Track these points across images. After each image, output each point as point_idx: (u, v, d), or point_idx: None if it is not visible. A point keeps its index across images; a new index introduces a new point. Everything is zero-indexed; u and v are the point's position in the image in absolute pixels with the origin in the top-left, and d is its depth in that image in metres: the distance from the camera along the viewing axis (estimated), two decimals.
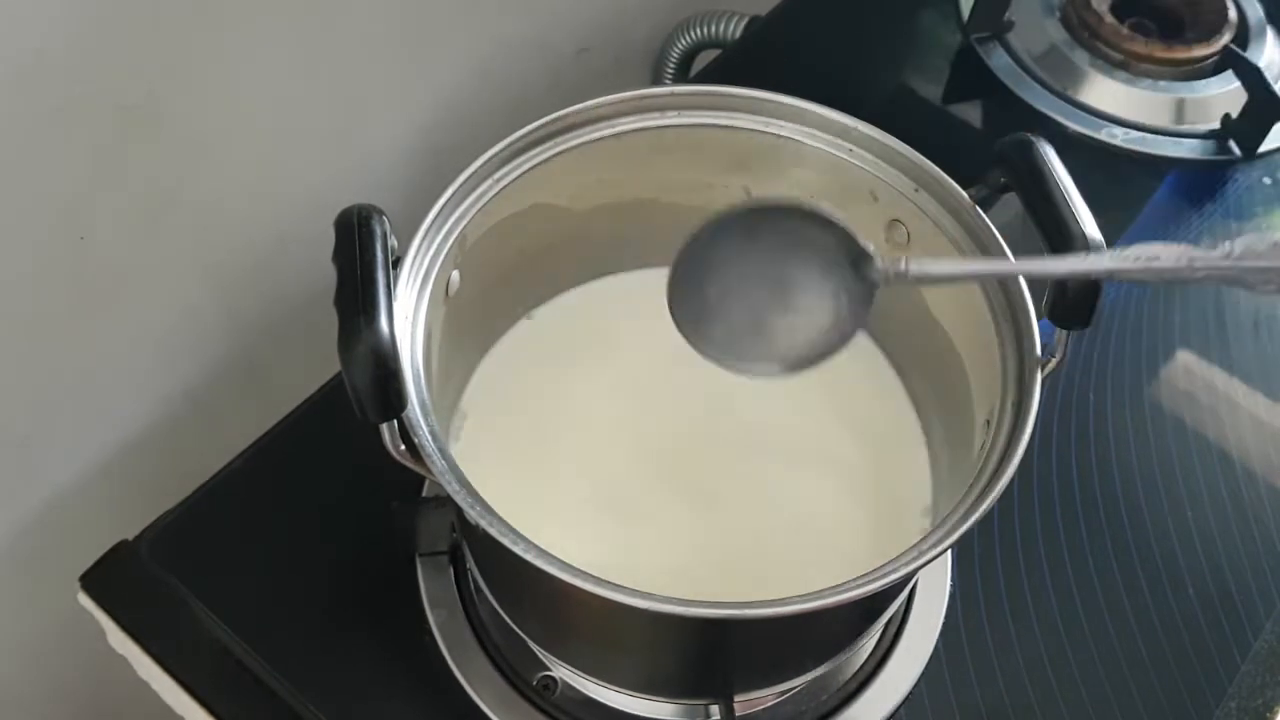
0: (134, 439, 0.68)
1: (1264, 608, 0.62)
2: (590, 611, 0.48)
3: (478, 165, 0.51)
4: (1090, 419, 0.68)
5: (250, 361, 0.73)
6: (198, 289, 0.66)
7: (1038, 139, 0.48)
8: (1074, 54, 0.85)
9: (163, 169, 0.59)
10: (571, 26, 0.83)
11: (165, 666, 0.59)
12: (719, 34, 0.90)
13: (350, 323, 0.40)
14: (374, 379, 0.40)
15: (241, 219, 0.66)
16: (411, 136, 0.74)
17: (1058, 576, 0.62)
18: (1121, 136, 0.82)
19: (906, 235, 0.54)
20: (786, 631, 0.49)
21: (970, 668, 0.59)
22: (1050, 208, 0.46)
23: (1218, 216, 0.79)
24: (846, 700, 0.58)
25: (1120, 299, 0.74)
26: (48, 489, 0.66)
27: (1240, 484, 0.67)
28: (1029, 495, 0.65)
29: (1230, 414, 0.70)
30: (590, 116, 0.54)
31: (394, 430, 0.43)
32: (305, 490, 0.63)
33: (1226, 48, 0.84)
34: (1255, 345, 0.73)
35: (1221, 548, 0.64)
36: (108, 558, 0.61)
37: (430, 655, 0.58)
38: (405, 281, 0.48)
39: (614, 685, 0.55)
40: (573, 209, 0.57)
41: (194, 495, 0.62)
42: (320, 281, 0.45)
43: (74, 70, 0.52)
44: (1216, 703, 0.59)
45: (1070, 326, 0.46)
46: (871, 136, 0.54)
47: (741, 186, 0.58)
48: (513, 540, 0.42)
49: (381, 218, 0.44)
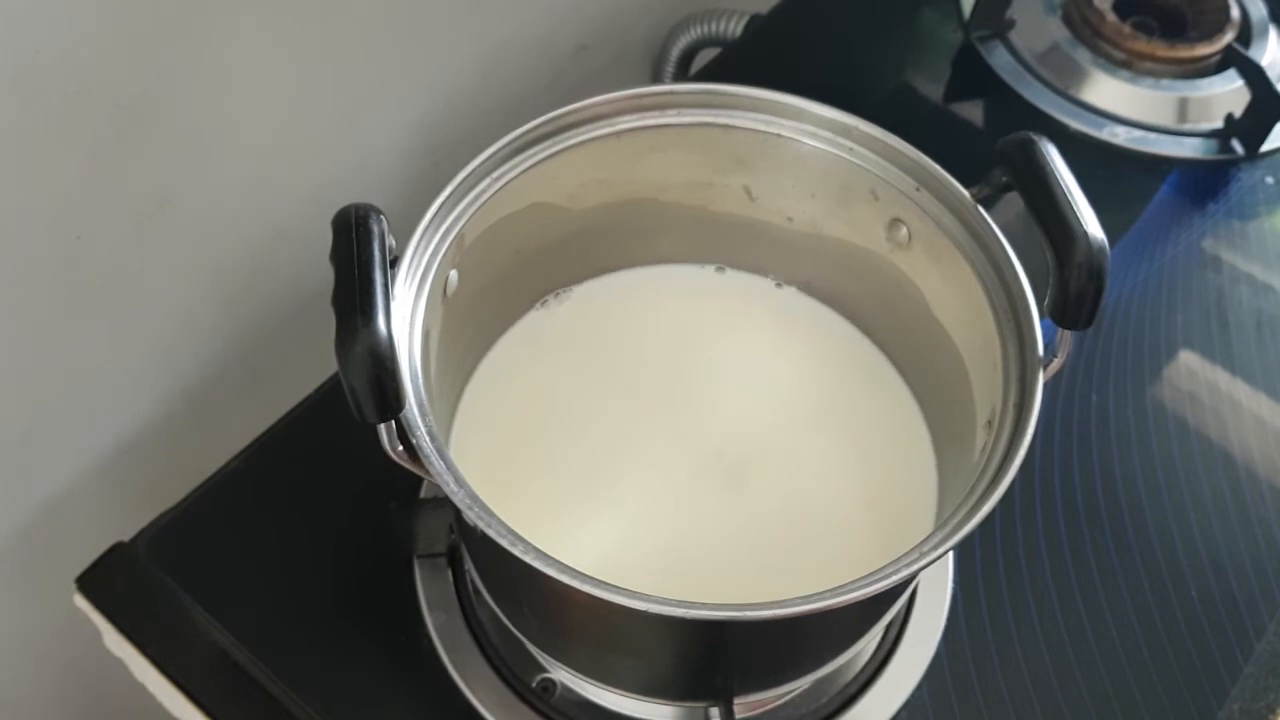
0: (130, 440, 0.68)
1: (1267, 609, 0.62)
2: (590, 613, 0.48)
3: (476, 164, 0.51)
4: (1092, 419, 0.68)
5: (247, 362, 0.73)
6: (194, 288, 0.66)
7: (1040, 138, 0.48)
8: (1076, 53, 0.85)
9: (160, 168, 0.59)
10: (570, 25, 0.83)
11: (162, 668, 0.58)
12: (719, 32, 0.90)
13: (348, 322, 0.40)
14: (371, 379, 0.40)
15: (239, 218, 0.66)
16: (410, 135, 0.74)
17: (1060, 578, 0.62)
18: (1124, 135, 0.81)
19: (907, 235, 0.54)
20: (787, 633, 0.49)
21: (972, 670, 0.59)
22: (1053, 207, 0.46)
23: (1220, 216, 0.79)
24: (847, 703, 0.58)
25: (1122, 299, 0.74)
26: (44, 490, 0.65)
27: (1243, 485, 0.66)
28: (1031, 496, 0.65)
29: (1233, 414, 0.69)
30: (589, 115, 0.54)
31: (392, 431, 0.42)
32: (303, 492, 0.63)
33: (1229, 46, 0.84)
34: (1258, 345, 0.73)
35: (1224, 549, 0.64)
36: (104, 559, 0.61)
37: (428, 657, 0.58)
38: (403, 281, 0.48)
39: (613, 687, 0.55)
40: (571, 208, 0.57)
41: (191, 496, 0.62)
42: (318, 281, 0.45)
43: (71, 69, 0.51)
44: (1219, 704, 0.59)
45: (1072, 326, 0.46)
46: (872, 135, 0.53)
47: (741, 185, 0.58)
48: (511, 541, 0.41)
49: (379, 217, 0.44)
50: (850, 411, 0.59)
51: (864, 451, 0.57)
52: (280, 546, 0.61)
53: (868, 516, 0.55)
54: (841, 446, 0.57)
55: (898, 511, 0.55)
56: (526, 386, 0.59)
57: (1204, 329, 0.73)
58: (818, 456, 0.57)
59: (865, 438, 0.58)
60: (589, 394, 0.59)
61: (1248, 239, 0.78)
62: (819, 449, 0.57)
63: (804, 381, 0.59)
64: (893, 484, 0.56)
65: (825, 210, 0.57)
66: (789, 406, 0.58)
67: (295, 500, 0.63)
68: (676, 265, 0.63)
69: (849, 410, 0.59)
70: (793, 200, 0.58)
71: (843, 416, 0.58)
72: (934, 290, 0.55)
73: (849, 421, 0.58)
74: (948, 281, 0.53)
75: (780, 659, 0.53)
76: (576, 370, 0.59)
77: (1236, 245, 0.78)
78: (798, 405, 0.58)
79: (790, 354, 0.60)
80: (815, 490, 0.56)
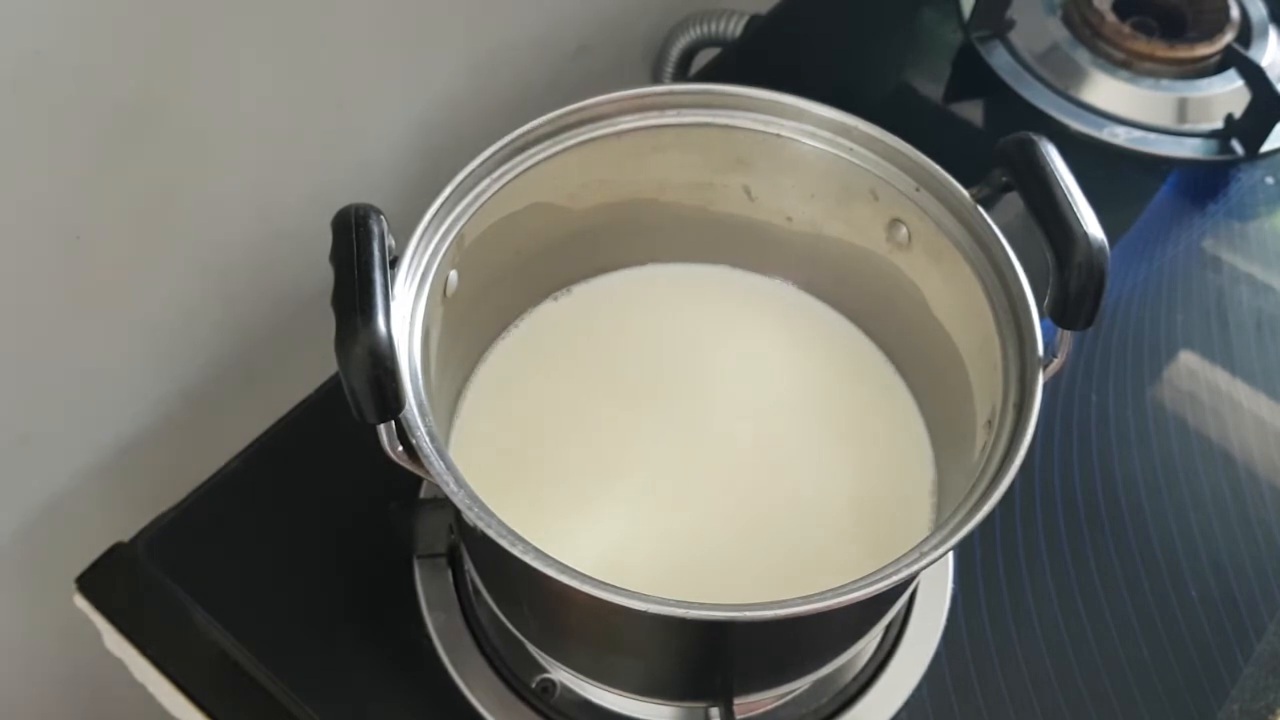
0: (130, 440, 0.68)
1: (1267, 609, 0.62)
2: (589, 614, 0.48)
3: (476, 164, 0.51)
4: (1092, 420, 0.68)
5: (247, 362, 0.73)
6: (194, 289, 0.66)
7: (1040, 138, 0.48)
8: (1076, 53, 0.85)
9: (160, 168, 0.59)
10: (571, 25, 0.83)
11: (162, 669, 0.59)
12: (719, 32, 0.90)
13: (347, 323, 0.40)
14: (371, 379, 0.40)
15: (239, 218, 0.66)
16: (410, 135, 0.74)
17: (1060, 578, 0.62)
18: (1124, 136, 0.81)
19: (907, 235, 0.54)
20: (787, 634, 0.49)
21: (972, 670, 0.59)
22: (1053, 207, 0.46)
23: (1220, 216, 0.79)
24: (847, 703, 0.58)
25: (1122, 299, 0.74)
26: (44, 490, 0.65)
27: (1243, 485, 0.66)
28: (1031, 496, 0.65)
29: (1232, 414, 0.69)
30: (589, 115, 0.54)
31: (391, 431, 0.42)
32: (303, 492, 0.63)
33: (1229, 47, 0.84)
34: (1258, 345, 0.73)
35: (1224, 549, 0.64)
36: (104, 559, 0.61)
37: (428, 658, 0.58)
38: (403, 281, 0.48)
39: (613, 688, 0.55)
40: (571, 208, 0.57)
41: (191, 497, 0.62)
42: (318, 281, 0.45)
43: (71, 69, 0.51)
44: (1219, 704, 0.59)
45: (1072, 326, 0.46)
46: (872, 135, 0.53)
47: (741, 186, 0.58)
48: (511, 542, 0.41)
49: (379, 217, 0.44)
50: (850, 412, 0.59)
51: (864, 452, 0.57)
52: (280, 546, 0.61)
53: (867, 517, 0.55)
54: (841, 447, 0.57)
55: (897, 511, 0.55)
56: (526, 386, 0.59)
57: (1204, 329, 0.73)
58: (817, 456, 0.57)
59: (865, 438, 0.58)
60: (588, 394, 0.58)
61: (1248, 239, 0.78)
62: (818, 449, 0.57)
63: (804, 381, 0.59)
64: (892, 484, 0.56)
65: (825, 210, 0.57)
66: (788, 407, 0.58)
67: (295, 500, 0.63)
68: (677, 265, 0.63)
69: (849, 410, 0.59)
70: (793, 200, 0.58)
71: (842, 417, 0.58)
72: (934, 290, 0.55)
73: (849, 422, 0.58)
74: (948, 281, 0.53)
75: (780, 659, 0.53)
76: (576, 370, 0.59)
77: (1236, 245, 0.78)
78: (797, 405, 0.58)
79: (790, 354, 0.60)
80: (815, 490, 0.56)
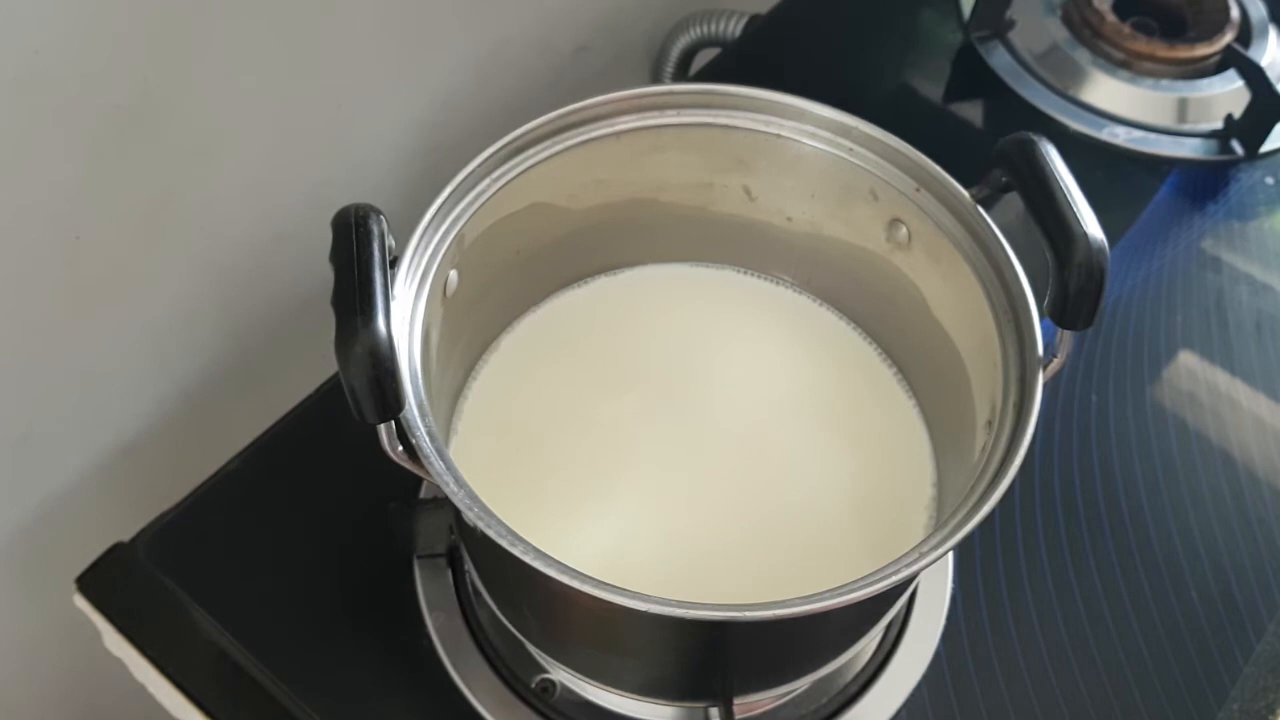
0: (130, 440, 0.68)
1: (1266, 609, 0.62)
2: (589, 614, 0.48)
3: (476, 164, 0.51)
4: (1092, 420, 0.68)
5: (247, 362, 0.73)
6: (194, 289, 0.66)
7: (1039, 138, 0.48)
8: (1075, 53, 0.85)
9: (159, 168, 0.59)
10: (570, 25, 0.83)
11: (161, 669, 0.58)
12: (718, 32, 0.90)
13: (347, 323, 0.40)
14: (371, 379, 0.40)
15: (238, 218, 0.66)
16: (410, 135, 0.74)
17: (1059, 578, 0.62)
18: (1123, 136, 0.81)
19: (907, 235, 0.54)
20: (787, 634, 0.49)
21: (972, 670, 0.59)
22: (1052, 207, 0.46)
23: (1220, 216, 0.79)
24: (847, 703, 0.58)
25: (1122, 299, 0.74)
26: (44, 490, 0.65)
27: (1242, 485, 0.66)
28: (1030, 496, 0.65)
29: (1232, 415, 0.69)
30: (589, 115, 0.54)
31: (391, 431, 0.42)
32: (302, 492, 0.63)
33: (1229, 47, 0.84)
34: (1257, 346, 0.73)
35: (1224, 549, 0.64)
36: (104, 559, 0.61)
37: (428, 658, 0.58)
38: (403, 281, 0.48)
39: (613, 688, 0.55)
40: (571, 208, 0.57)
41: (191, 497, 0.62)
42: (318, 281, 0.45)
43: (70, 69, 0.51)
44: (1219, 704, 0.59)
45: (1072, 326, 0.46)
46: (872, 135, 0.53)
47: (741, 186, 0.58)
48: (511, 542, 0.41)
49: (379, 217, 0.44)
50: (850, 411, 0.59)
51: (864, 451, 0.57)
52: (280, 546, 0.61)
53: (867, 516, 0.55)
54: (841, 446, 0.57)
55: (897, 512, 0.55)
56: (526, 386, 0.59)
57: (1204, 329, 0.73)
58: (817, 456, 0.57)
59: (865, 438, 0.58)
60: (588, 394, 0.58)
61: (1247, 239, 0.78)
62: (818, 449, 0.57)
63: (804, 381, 0.59)
64: (892, 484, 0.56)
65: (825, 210, 0.57)
66: (788, 407, 0.58)
67: (295, 500, 0.63)
68: (676, 265, 0.63)
69: (849, 410, 0.59)
70: (793, 200, 0.58)
71: (842, 416, 0.58)
72: (934, 290, 0.55)
73: (848, 421, 0.58)
74: (948, 281, 0.53)
75: (780, 659, 0.53)
76: (576, 370, 0.59)
77: (1236, 245, 0.78)
78: (797, 406, 0.58)
79: (790, 354, 0.60)
80: (814, 490, 0.56)
